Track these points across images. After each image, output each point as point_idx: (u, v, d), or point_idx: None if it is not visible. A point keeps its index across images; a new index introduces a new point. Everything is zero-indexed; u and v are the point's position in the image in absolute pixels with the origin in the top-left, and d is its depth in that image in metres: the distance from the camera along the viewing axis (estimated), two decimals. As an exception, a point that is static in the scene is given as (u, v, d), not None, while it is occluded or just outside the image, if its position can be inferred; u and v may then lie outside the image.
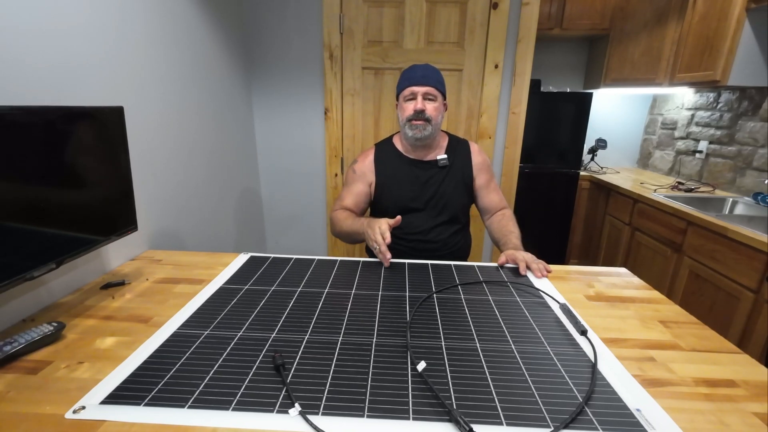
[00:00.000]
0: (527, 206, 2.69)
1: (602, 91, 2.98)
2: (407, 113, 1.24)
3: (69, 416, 0.57)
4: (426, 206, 1.32)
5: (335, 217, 1.30)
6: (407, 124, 1.25)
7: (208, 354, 0.71)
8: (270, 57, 2.00)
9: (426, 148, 1.33)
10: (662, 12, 2.43)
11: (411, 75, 1.25)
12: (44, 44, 0.88)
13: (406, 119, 1.25)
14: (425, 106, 1.23)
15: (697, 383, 0.66)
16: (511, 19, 1.88)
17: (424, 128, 1.24)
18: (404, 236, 1.31)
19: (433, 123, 1.24)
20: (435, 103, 1.25)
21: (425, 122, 1.23)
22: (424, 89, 1.23)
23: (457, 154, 1.35)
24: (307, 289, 0.97)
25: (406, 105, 1.25)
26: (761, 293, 1.50)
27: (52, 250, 0.77)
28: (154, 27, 1.26)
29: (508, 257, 1.12)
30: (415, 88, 1.23)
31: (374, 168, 1.35)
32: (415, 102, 1.23)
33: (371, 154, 1.38)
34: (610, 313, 0.89)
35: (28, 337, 0.71)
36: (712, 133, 2.42)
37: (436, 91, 1.25)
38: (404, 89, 1.26)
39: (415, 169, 1.33)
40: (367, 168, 1.36)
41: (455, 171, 1.33)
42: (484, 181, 1.36)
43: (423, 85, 1.23)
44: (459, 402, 0.60)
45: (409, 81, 1.25)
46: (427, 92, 1.23)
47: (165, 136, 1.33)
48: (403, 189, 1.32)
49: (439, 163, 1.32)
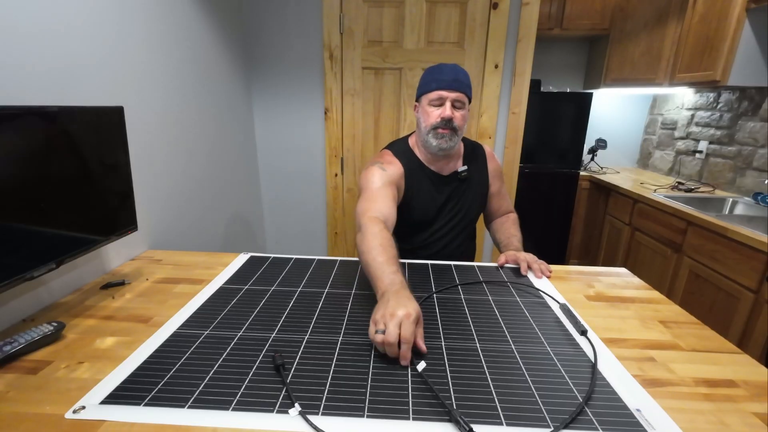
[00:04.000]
0: (527, 206, 2.68)
1: (602, 91, 2.98)
2: (432, 120, 1.11)
3: (69, 416, 0.57)
4: (447, 222, 1.26)
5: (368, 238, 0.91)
6: (432, 132, 1.12)
7: (208, 354, 0.71)
8: (270, 57, 2.00)
9: (446, 158, 1.22)
10: (662, 12, 2.43)
11: (439, 77, 1.11)
12: (44, 44, 0.88)
13: (431, 126, 1.12)
14: (454, 114, 1.10)
15: (697, 383, 0.66)
16: (511, 19, 1.88)
17: (450, 138, 1.12)
18: (423, 250, 1.27)
19: (459, 133, 1.13)
20: (463, 111, 1.12)
21: (452, 131, 1.11)
22: (454, 95, 1.09)
23: (475, 162, 1.27)
24: (307, 289, 0.96)
25: (432, 110, 1.11)
26: (761, 293, 1.50)
27: (52, 250, 0.77)
28: (154, 27, 1.26)
29: (508, 258, 1.11)
30: (444, 93, 1.09)
31: (404, 182, 1.19)
32: (443, 109, 1.10)
33: (398, 163, 1.19)
34: (610, 313, 0.89)
35: (28, 337, 0.71)
36: (712, 133, 2.42)
37: (466, 98, 1.12)
38: (430, 92, 1.11)
39: (437, 185, 1.23)
40: (398, 177, 1.17)
41: (474, 182, 1.26)
42: (497, 188, 1.32)
43: (454, 90, 1.09)
44: (459, 402, 0.60)
45: (438, 84, 1.10)
46: (457, 98, 1.10)
47: (165, 136, 1.33)
48: (425, 206, 1.23)
49: (460, 176, 1.23)
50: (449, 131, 1.11)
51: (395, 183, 1.14)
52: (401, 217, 1.18)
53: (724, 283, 1.67)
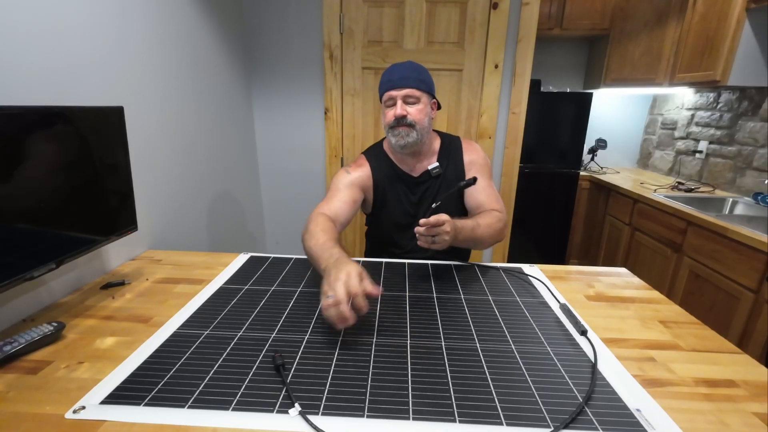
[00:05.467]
0: (527, 206, 2.69)
1: (602, 91, 2.98)
2: (388, 120, 1.14)
3: (69, 416, 0.57)
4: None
5: (310, 228, 1.01)
6: (390, 131, 1.15)
7: (208, 354, 0.71)
8: (270, 57, 2.00)
9: (416, 156, 1.22)
10: (662, 12, 2.43)
11: (389, 78, 1.14)
12: (44, 44, 0.88)
13: (387, 126, 1.15)
14: (406, 110, 1.12)
15: (697, 383, 0.66)
16: (511, 19, 1.88)
17: (407, 134, 1.13)
18: (402, 255, 1.27)
19: (418, 127, 1.13)
20: (418, 106, 1.13)
21: (408, 128, 1.13)
22: (403, 92, 1.12)
23: (450, 157, 1.25)
24: (307, 289, 0.96)
25: (387, 111, 1.15)
26: (761, 293, 1.50)
27: (52, 250, 0.77)
28: (154, 27, 1.26)
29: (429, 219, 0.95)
30: (393, 92, 1.13)
31: (372, 184, 1.23)
32: (394, 108, 1.12)
33: (366, 167, 1.24)
34: (610, 313, 0.89)
35: (28, 337, 0.71)
36: (712, 133, 2.42)
37: (419, 92, 1.13)
38: (382, 94, 1.16)
39: (410, 186, 1.23)
40: (364, 180, 1.22)
41: (449, 178, 1.24)
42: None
43: (401, 87, 1.12)
44: (459, 402, 0.60)
45: (386, 85, 1.14)
46: (407, 95, 1.12)
47: (165, 136, 1.33)
48: (401, 207, 1.24)
49: (432, 173, 1.21)
50: (405, 128, 1.13)
51: (358, 185, 1.20)
52: (383, 221, 1.25)
53: (724, 283, 1.67)
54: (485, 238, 1.13)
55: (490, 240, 1.15)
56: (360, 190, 1.21)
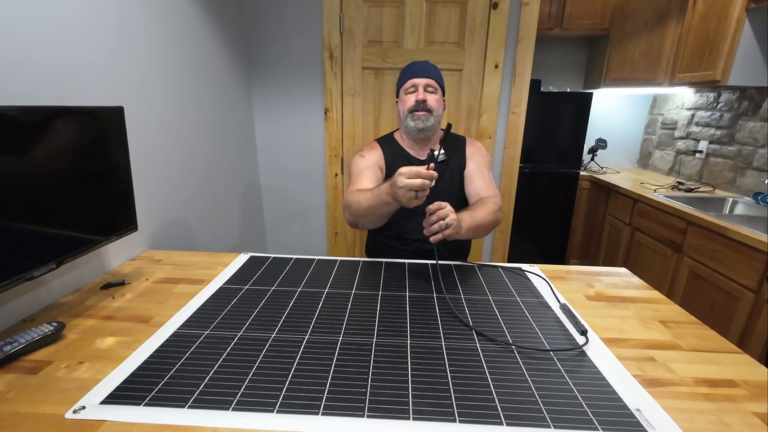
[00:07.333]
0: (527, 206, 2.69)
1: (602, 91, 2.98)
2: (409, 104, 1.25)
3: (69, 416, 0.57)
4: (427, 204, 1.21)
5: (351, 200, 1.15)
6: (409, 115, 1.26)
7: (208, 354, 0.71)
8: (270, 57, 2.00)
9: (426, 142, 1.33)
10: (662, 12, 2.43)
11: (411, 69, 1.28)
12: (44, 44, 0.88)
13: (407, 110, 1.26)
14: (427, 97, 1.24)
15: (697, 383, 0.66)
16: (511, 19, 1.88)
17: (426, 119, 1.24)
18: (407, 237, 1.31)
19: (434, 114, 1.25)
20: (436, 95, 1.26)
21: (427, 113, 1.24)
22: (425, 81, 1.25)
23: (455, 147, 1.34)
24: (307, 289, 0.96)
25: (407, 97, 1.26)
26: (761, 293, 1.50)
27: (52, 250, 0.77)
28: (154, 27, 1.26)
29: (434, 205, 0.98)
30: (416, 80, 1.26)
31: (384, 164, 1.32)
32: (416, 93, 1.25)
33: (379, 150, 1.34)
34: (610, 313, 0.89)
35: (28, 337, 0.71)
36: (712, 133, 2.42)
37: (437, 84, 1.27)
38: (405, 82, 1.28)
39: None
40: (378, 160, 1.32)
41: (452, 165, 1.32)
42: (473, 168, 1.31)
43: (424, 77, 1.25)
44: (459, 402, 0.60)
45: (410, 74, 1.27)
46: (428, 84, 1.25)
47: (165, 136, 1.33)
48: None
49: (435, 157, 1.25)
50: (425, 112, 1.24)
51: (376, 163, 1.31)
52: None
53: (724, 283, 1.67)
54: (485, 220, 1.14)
55: (490, 223, 1.17)
56: (378, 168, 1.31)
